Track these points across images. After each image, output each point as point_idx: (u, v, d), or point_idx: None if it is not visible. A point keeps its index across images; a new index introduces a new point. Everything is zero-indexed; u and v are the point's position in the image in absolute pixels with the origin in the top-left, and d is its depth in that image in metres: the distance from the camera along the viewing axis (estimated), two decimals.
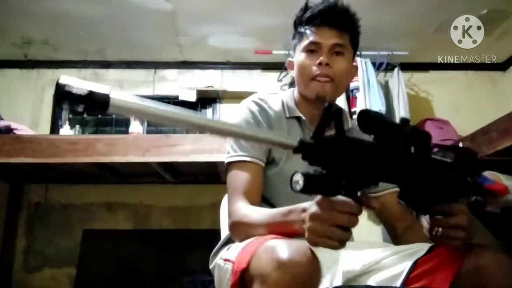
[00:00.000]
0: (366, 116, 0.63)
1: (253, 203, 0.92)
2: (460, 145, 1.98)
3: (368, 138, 0.65)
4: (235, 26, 2.63)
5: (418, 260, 0.81)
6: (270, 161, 1.02)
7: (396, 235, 1.05)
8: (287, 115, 1.07)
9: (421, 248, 0.84)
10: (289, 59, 1.12)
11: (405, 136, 0.64)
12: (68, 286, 2.54)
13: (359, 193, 0.63)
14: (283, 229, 0.75)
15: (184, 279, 2.02)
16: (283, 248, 0.65)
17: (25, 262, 2.59)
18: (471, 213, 0.74)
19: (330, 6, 1.02)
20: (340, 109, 0.59)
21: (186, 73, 3.09)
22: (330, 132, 0.59)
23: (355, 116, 2.62)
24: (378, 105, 2.64)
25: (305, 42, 1.03)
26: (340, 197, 0.62)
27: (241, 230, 0.89)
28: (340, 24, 1.02)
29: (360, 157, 0.60)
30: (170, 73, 3.09)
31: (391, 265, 0.84)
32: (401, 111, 2.71)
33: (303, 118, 1.06)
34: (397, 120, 2.60)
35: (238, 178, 0.96)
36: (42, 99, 2.97)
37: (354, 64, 1.11)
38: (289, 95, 1.12)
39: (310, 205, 0.66)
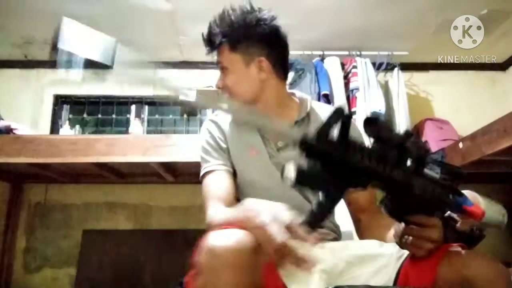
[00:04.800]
0: (374, 122, 0.64)
1: (225, 205, 0.96)
2: (460, 145, 1.98)
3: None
4: None
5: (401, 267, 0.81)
6: (234, 172, 1.07)
7: (359, 227, 1.09)
8: None
9: (402, 253, 0.83)
10: None
11: (405, 149, 0.65)
12: (68, 286, 2.54)
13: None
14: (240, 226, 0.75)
15: (184, 279, 2.02)
16: (215, 235, 0.68)
17: (25, 262, 2.59)
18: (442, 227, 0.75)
19: (207, 30, 1.09)
20: (349, 115, 0.61)
21: (186, 73, 3.08)
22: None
23: (355, 116, 2.62)
24: (378, 105, 2.64)
25: None
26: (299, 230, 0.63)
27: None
28: (213, 43, 1.08)
29: (358, 162, 0.61)
30: (170, 73, 3.09)
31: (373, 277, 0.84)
32: (401, 111, 2.71)
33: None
34: (397, 121, 2.58)
35: (208, 187, 1.03)
36: (42, 99, 2.96)
37: (260, 58, 1.06)
38: None
39: (269, 220, 0.66)
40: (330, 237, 1.04)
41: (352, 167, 0.61)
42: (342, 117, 0.59)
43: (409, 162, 0.67)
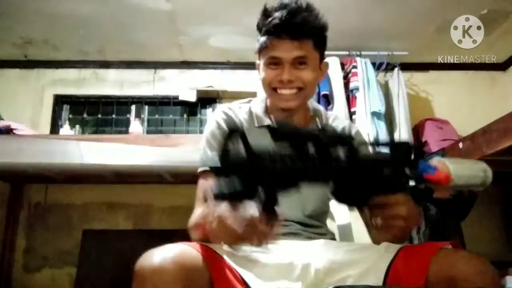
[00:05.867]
0: (277, 130, 0.70)
1: None
2: (460, 145, 1.98)
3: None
4: (235, 26, 2.63)
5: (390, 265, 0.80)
6: None
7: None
8: (256, 125, 1.04)
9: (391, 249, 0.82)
10: (257, 62, 1.06)
11: (320, 141, 0.67)
12: (68, 286, 2.54)
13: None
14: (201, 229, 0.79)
15: None
16: (143, 257, 0.77)
17: (25, 262, 2.59)
18: (417, 201, 0.75)
19: (287, 17, 0.94)
20: (243, 132, 0.65)
21: (186, 73, 3.09)
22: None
23: (354, 116, 2.62)
24: (377, 105, 2.64)
25: (266, 54, 0.99)
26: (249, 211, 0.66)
27: (191, 235, 0.95)
28: (300, 35, 0.96)
29: (269, 167, 0.65)
30: (170, 73, 3.09)
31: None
32: (401, 111, 2.71)
33: (272, 126, 1.03)
34: (397, 121, 2.59)
35: (200, 189, 1.04)
36: (42, 99, 2.96)
37: (326, 61, 1.08)
38: (259, 103, 1.09)
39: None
40: (328, 237, 1.03)
41: (265, 173, 0.64)
42: (239, 135, 0.65)
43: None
